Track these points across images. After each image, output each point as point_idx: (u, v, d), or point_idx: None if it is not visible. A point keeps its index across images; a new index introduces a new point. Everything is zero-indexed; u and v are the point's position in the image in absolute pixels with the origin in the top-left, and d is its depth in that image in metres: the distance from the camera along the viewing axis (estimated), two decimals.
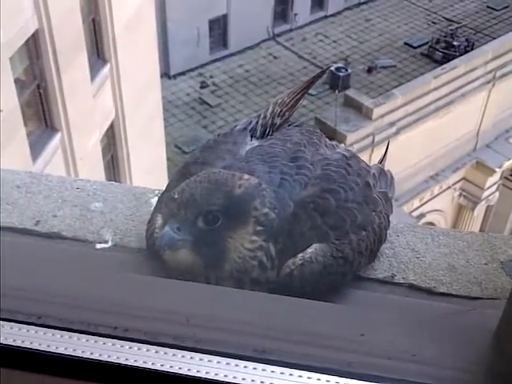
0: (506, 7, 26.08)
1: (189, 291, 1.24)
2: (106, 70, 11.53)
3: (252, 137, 1.59)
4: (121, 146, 12.50)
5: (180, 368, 1.02)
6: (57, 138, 10.17)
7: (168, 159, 15.52)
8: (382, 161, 1.80)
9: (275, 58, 24.24)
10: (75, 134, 10.45)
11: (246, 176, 1.38)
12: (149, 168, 12.95)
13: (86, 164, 10.81)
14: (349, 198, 1.46)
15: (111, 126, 12.10)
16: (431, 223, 18.02)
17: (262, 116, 1.62)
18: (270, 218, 1.36)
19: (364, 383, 1.02)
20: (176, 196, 1.33)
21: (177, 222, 1.32)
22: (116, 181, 12.19)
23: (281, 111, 1.63)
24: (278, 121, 1.62)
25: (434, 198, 18.56)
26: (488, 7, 26.38)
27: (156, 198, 1.72)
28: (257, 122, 1.61)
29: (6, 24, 8.15)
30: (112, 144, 12.44)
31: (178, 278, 1.35)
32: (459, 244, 1.64)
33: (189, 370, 1.02)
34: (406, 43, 24.64)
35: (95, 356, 1.04)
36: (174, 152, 19.18)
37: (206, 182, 1.34)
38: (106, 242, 1.63)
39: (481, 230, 19.32)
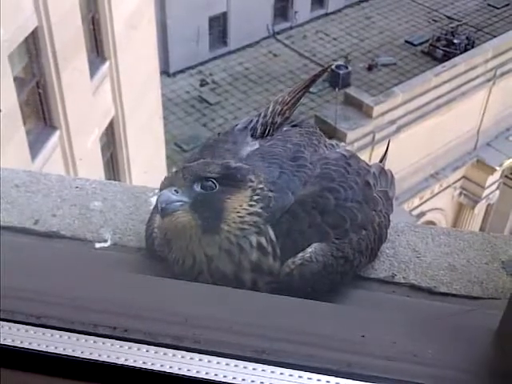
0: (507, 5, 26.03)
1: (188, 291, 1.23)
2: (105, 67, 11.52)
3: (252, 136, 1.58)
4: (120, 144, 12.49)
5: (179, 368, 1.02)
6: (56, 136, 10.16)
7: (167, 157, 15.51)
8: (382, 160, 1.79)
9: (275, 55, 24.21)
10: (74, 132, 10.44)
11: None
12: (148, 166, 12.94)
13: (86, 162, 10.80)
14: (348, 197, 1.45)
15: (110, 124, 12.09)
16: (431, 222, 18.03)
17: (262, 115, 1.62)
18: (266, 194, 1.37)
19: None
20: (174, 169, 1.38)
21: (174, 186, 1.35)
22: (115, 179, 12.19)
23: (281, 110, 1.62)
24: (278, 119, 1.62)
25: (434, 196, 18.55)
26: (489, 5, 26.34)
27: (155, 197, 1.71)
28: (257, 121, 1.61)
29: (5, 21, 8.14)
30: (111, 142, 12.43)
31: (176, 243, 1.36)
32: (460, 244, 1.64)
33: (188, 370, 1.02)
34: (406, 41, 24.60)
35: (94, 356, 1.03)
36: (173, 150, 19.17)
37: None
38: (106, 241, 1.62)
39: (481, 229, 19.33)
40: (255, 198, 1.36)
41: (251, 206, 1.36)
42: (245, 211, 1.35)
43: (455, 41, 23.74)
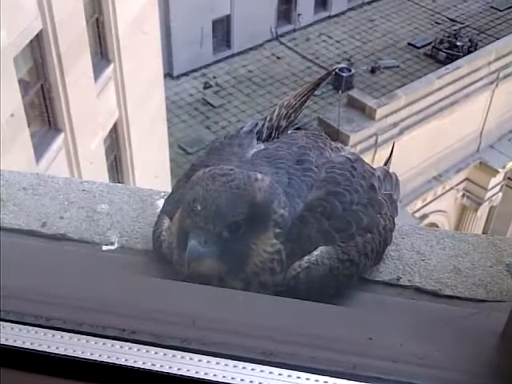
0: (510, 7, 26.03)
1: (195, 293, 1.24)
2: (109, 70, 11.55)
3: (258, 139, 1.59)
4: (124, 146, 12.51)
5: (188, 370, 1.02)
6: (60, 138, 10.19)
7: (171, 160, 15.53)
8: (386, 162, 1.80)
9: (278, 58, 24.24)
10: (79, 135, 10.47)
11: (259, 175, 1.37)
12: (152, 168, 12.97)
13: (90, 164, 10.82)
14: (354, 201, 1.46)
15: (115, 127, 12.11)
16: (434, 224, 18.02)
17: (268, 118, 1.63)
18: (285, 218, 1.37)
19: None
20: (199, 208, 1.30)
21: (203, 235, 1.30)
22: (119, 181, 12.21)
23: (287, 113, 1.63)
24: (283, 123, 1.62)
25: (437, 198, 18.54)
26: (491, 7, 26.35)
27: (162, 200, 1.73)
28: (263, 125, 1.62)
29: (9, 24, 8.17)
30: (115, 144, 12.46)
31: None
32: (464, 246, 1.64)
33: (196, 372, 1.02)
34: (409, 43, 24.61)
35: (103, 358, 1.04)
36: (177, 153, 19.19)
37: (227, 189, 1.32)
38: (112, 243, 1.63)
39: (484, 231, 19.32)
40: (277, 231, 1.36)
41: (273, 245, 1.36)
42: (267, 255, 1.35)
43: (458, 43, 23.75)
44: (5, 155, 7.78)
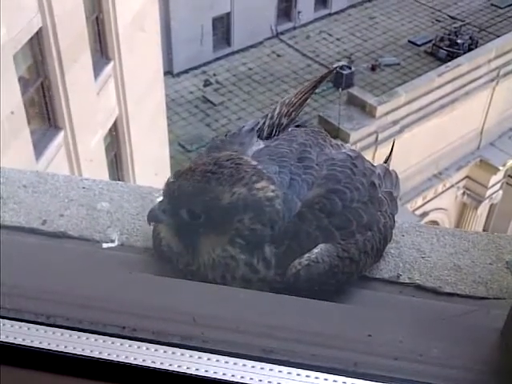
0: (510, 5, 25.99)
1: (196, 291, 1.24)
2: (109, 68, 11.54)
3: (259, 137, 1.59)
4: (124, 144, 12.51)
5: (188, 368, 1.03)
6: (60, 136, 10.18)
7: (171, 157, 15.52)
8: (387, 160, 1.80)
9: (279, 56, 24.21)
10: (79, 133, 10.46)
11: (263, 183, 1.37)
12: (152, 166, 12.96)
13: (90, 162, 10.82)
14: (354, 198, 1.46)
15: (115, 125, 12.11)
16: (434, 222, 18.02)
17: (269, 116, 1.63)
18: (259, 234, 1.36)
19: (371, 383, 1.03)
20: (172, 180, 1.38)
21: (164, 205, 1.39)
22: (119, 179, 12.21)
23: (288, 111, 1.64)
24: (284, 121, 1.63)
25: (437, 196, 18.53)
26: (492, 5, 26.30)
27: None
28: (264, 123, 1.62)
29: (9, 22, 8.17)
30: (115, 142, 12.45)
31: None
32: (464, 244, 1.65)
33: (197, 369, 1.03)
34: (409, 41, 24.57)
35: (104, 355, 1.04)
36: (177, 150, 19.18)
37: (201, 180, 1.35)
38: (113, 241, 1.63)
39: (484, 229, 19.31)
40: (238, 240, 1.36)
41: (224, 250, 1.37)
42: (215, 255, 1.37)
43: (458, 41, 23.70)
44: (5, 153, 7.78)
